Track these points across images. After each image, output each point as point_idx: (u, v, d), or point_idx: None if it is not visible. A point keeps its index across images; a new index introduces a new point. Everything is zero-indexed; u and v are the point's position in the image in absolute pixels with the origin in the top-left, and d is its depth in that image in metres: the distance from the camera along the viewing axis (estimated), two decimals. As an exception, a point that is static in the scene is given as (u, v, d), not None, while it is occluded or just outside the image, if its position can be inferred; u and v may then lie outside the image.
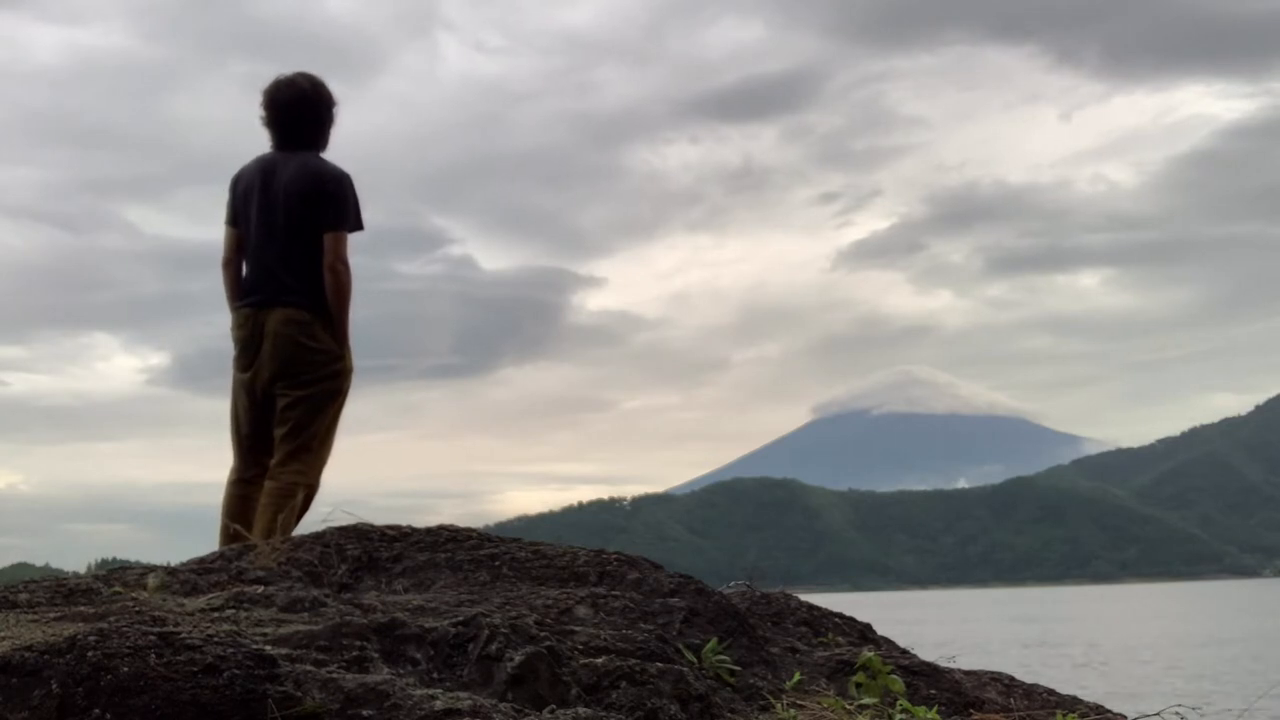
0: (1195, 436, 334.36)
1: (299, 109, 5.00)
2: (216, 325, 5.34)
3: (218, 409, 5.29)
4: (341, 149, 5.37)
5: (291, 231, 4.90)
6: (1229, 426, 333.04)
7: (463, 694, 2.37)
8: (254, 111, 5.07)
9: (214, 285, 5.28)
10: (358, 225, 4.99)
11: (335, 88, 5.10)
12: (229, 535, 4.74)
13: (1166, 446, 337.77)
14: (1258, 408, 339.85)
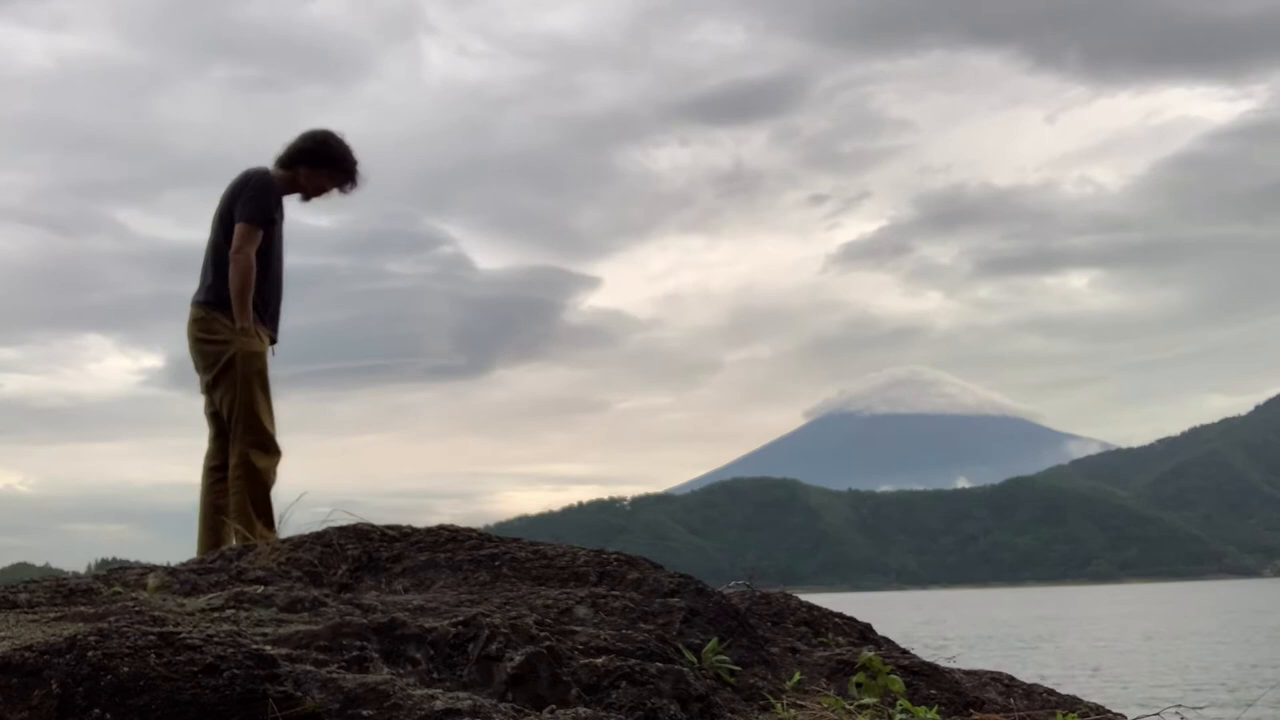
0: (1195, 436, 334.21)
1: (303, 138, 5.43)
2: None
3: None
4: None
5: (217, 232, 5.26)
6: (1229, 426, 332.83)
7: (463, 694, 2.37)
8: (238, 114, 5.34)
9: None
10: (252, 218, 5.17)
11: (320, 90, 5.39)
12: (204, 527, 5.17)
13: (1166, 446, 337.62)
14: (1258, 408, 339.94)
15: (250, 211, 5.14)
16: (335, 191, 5.46)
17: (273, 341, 5.36)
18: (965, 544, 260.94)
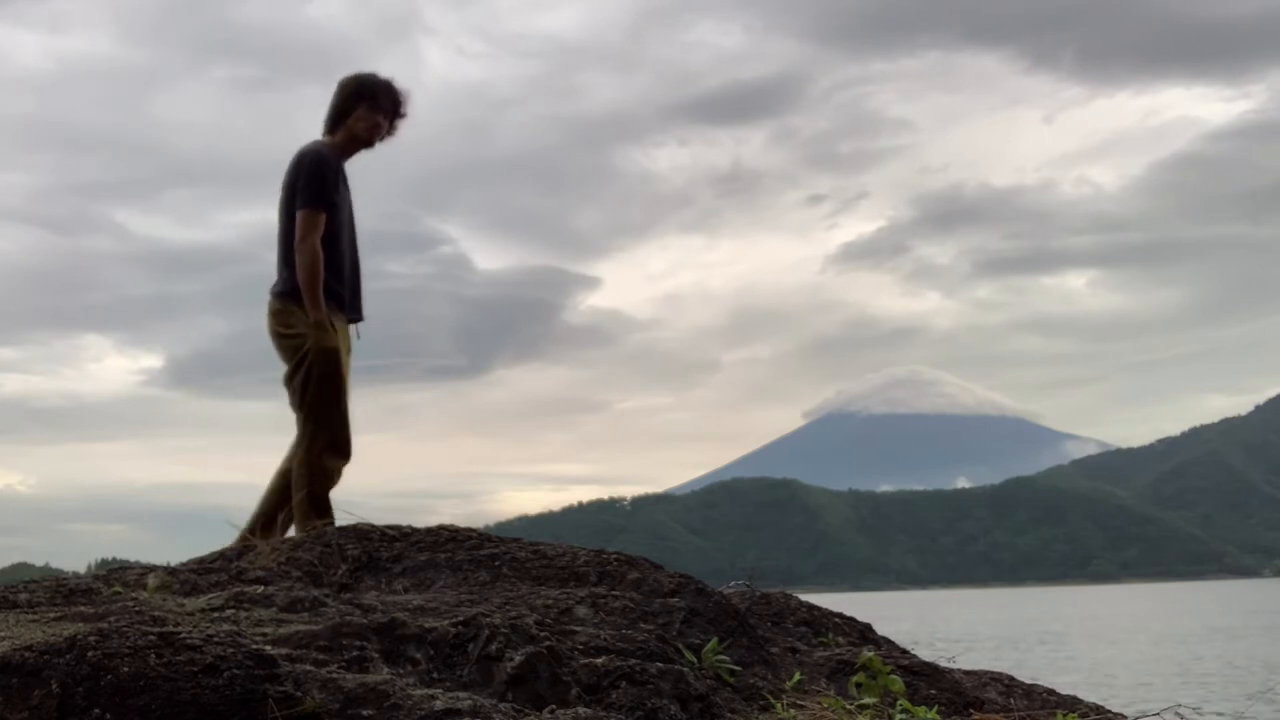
0: (1195, 436, 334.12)
1: (333, 96, 5.23)
2: (207, 327, 5.38)
3: (215, 410, 5.36)
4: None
5: (284, 221, 5.06)
6: (1229, 426, 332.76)
7: (463, 694, 2.37)
8: (237, 114, 5.19)
9: (204, 287, 5.37)
10: (312, 203, 4.92)
11: (319, 91, 5.13)
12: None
13: (1166, 446, 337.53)
14: (1258, 408, 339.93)
15: (308, 197, 4.91)
16: (391, 122, 5.20)
17: (355, 320, 5.14)
18: (965, 544, 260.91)
